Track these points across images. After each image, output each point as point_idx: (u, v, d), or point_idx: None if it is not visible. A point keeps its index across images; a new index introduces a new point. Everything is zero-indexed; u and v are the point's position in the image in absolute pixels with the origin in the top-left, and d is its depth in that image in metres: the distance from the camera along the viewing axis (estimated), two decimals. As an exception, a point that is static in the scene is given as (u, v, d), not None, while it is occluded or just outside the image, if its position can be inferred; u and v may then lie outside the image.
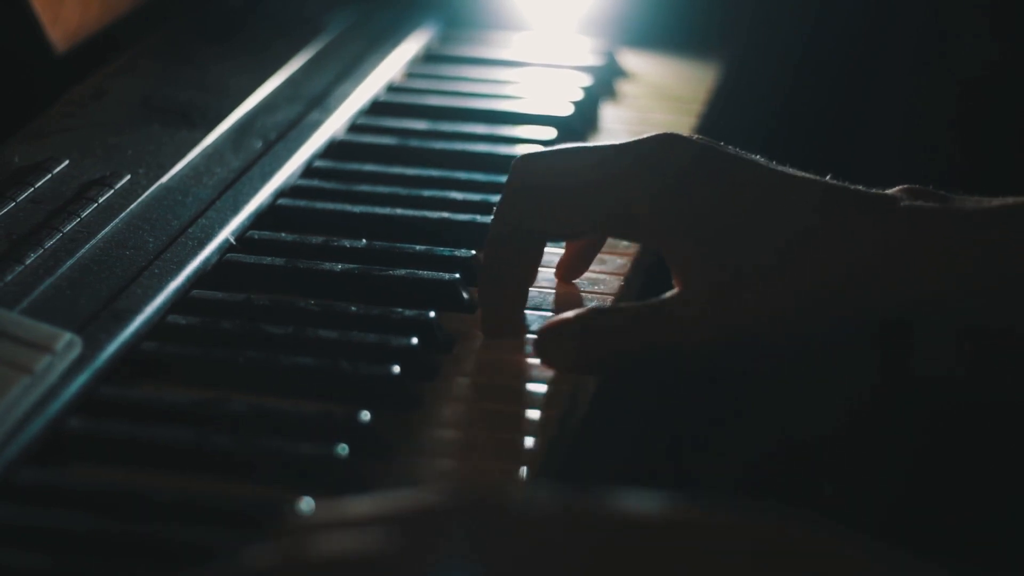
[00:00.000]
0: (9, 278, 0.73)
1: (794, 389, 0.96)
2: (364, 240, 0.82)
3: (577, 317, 0.73)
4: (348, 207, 0.86)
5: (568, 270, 0.81)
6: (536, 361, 0.73)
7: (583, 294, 0.81)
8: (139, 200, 0.82)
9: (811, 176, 0.73)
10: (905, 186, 0.72)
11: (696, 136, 0.75)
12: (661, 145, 0.74)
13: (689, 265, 0.71)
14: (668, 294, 0.72)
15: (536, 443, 0.68)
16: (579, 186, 0.74)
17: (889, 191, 0.72)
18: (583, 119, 1.02)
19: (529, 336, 0.76)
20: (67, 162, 0.85)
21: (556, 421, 0.70)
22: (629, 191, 0.73)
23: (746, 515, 0.47)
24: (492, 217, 0.76)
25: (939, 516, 0.92)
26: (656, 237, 0.73)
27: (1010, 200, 0.70)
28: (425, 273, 0.79)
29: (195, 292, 0.77)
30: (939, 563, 0.46)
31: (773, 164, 0.73)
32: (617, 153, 0.74)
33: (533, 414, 0.70)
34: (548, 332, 0.73)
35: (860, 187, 0.72)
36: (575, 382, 0.73)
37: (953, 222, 0.70)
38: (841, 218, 0.70)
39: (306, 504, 0.61)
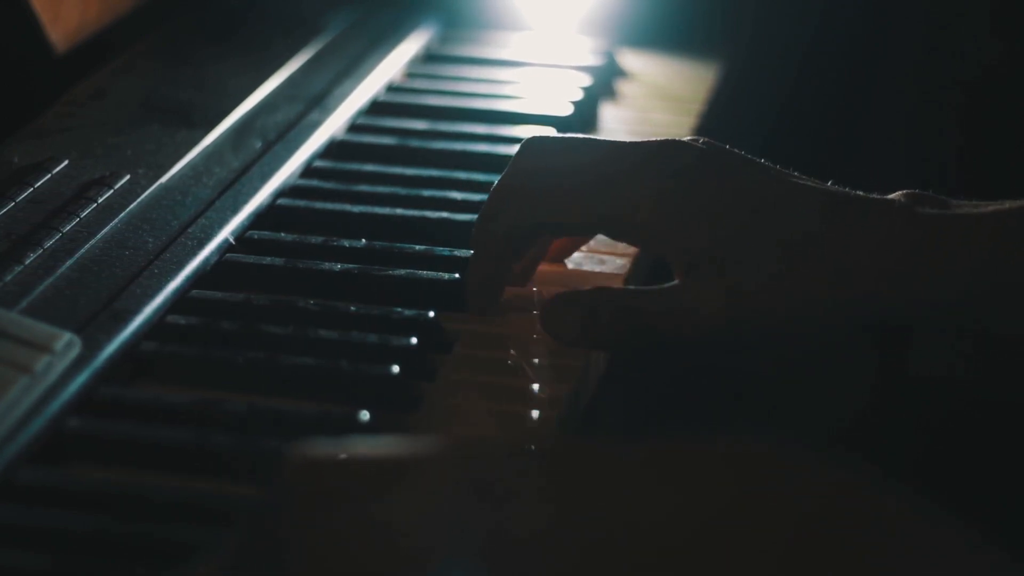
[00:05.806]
0: (9, 278, 0.73)
1: (795, 389, 0.96)
2: (364, 240, 0.82)
3: (585, 293, 0.73)
4: (348, 207, 0.86)
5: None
6: (536, 361, 0.73)
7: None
8: (138, 200, 0.82)
9: (814, 181, 0.73)
10: (906, 191, 0.72)
11: (702, 140, 0.75)
12: (667, 147, 0.74)
13: (694, 265, 0.71)
14: (674, 283, 0.72)
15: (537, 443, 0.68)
16: (583, 180, 0.74)
17: (890, 196, 0.72)
18: (583, 119, 1.02)
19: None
20: (66, 162, 0.85)
21: (557, 420, 0.70)
22: (634, 192, 0.73)
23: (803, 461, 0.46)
24: (489, 193, 0.76)
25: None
26: (658, 239, 0.73)
27: (1005, 205, 0.71)
28: (425, 273, 0.79)
29: (195, 292, 0.76)
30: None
31: (778, 168, 0.74)
32: (624, 151, 0.74)
33: (534, 413, 0.70)
34: (555, 305, 0.73)
35: (860, 192, 0.72)
36: (575, 382, 0.73)
37: (951, 227, 0.70)
38: (843, 222, 0.71)
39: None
